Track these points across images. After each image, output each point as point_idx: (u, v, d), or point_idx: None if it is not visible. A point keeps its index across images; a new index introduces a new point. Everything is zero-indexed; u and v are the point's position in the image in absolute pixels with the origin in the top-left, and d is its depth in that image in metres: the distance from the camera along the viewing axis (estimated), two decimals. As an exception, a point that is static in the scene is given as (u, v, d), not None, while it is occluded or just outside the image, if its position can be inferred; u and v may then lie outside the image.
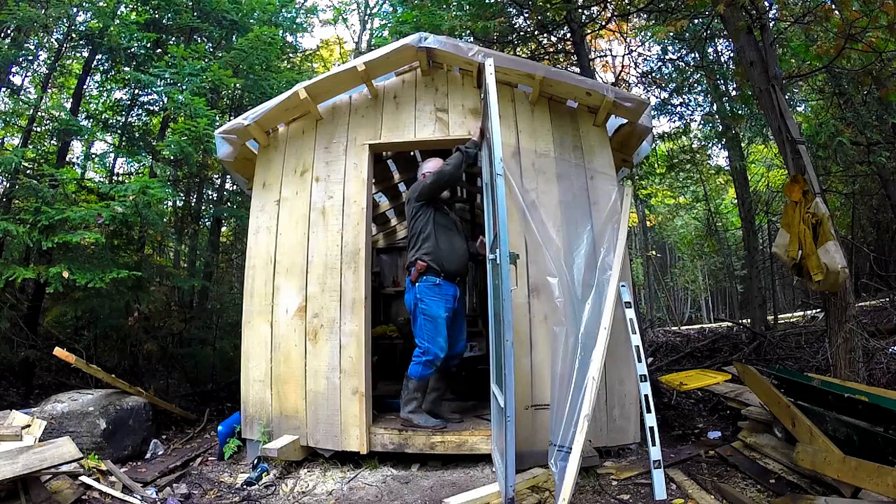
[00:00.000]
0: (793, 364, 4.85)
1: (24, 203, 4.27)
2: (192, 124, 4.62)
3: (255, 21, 6.64)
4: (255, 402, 3.45)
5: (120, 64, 5.89)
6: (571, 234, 3.27)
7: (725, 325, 8.89)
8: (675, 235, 17.80)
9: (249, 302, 3.58)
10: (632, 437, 3.17)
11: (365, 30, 13.04)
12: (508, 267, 2.37)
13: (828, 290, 3.33)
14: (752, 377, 3.09)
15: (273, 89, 5.88)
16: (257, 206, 3.73)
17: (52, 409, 3.28)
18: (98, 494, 2.75)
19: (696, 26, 6.59)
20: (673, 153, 9.46)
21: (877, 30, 3.71)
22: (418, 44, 3.44)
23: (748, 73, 3.98)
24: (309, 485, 3.02)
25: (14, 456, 2.40)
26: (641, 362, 2.86)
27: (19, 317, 4.71)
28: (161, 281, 5.89)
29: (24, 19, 4.64)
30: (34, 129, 5.52)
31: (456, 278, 3.43)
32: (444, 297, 3.33)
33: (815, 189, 3.35)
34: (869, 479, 1.98)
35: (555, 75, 3.39)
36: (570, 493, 2.34)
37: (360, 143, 3.65)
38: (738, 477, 2.75)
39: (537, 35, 7.39)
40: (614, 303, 2.98)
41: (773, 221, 9.31)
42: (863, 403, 2.43)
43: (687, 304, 19.93)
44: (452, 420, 3.42)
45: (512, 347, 2.31)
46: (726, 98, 8.14)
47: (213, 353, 6.17)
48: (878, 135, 5.92)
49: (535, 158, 3.47)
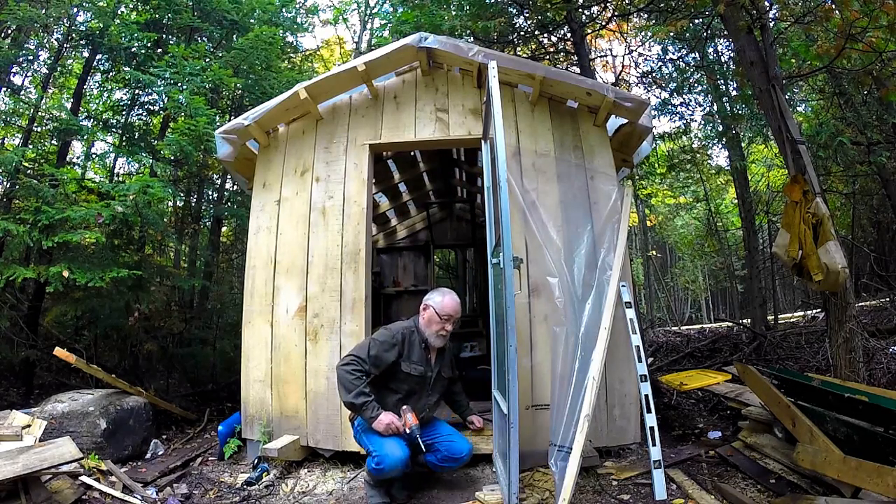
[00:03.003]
0: (793, 364, 4.85)
1: (24, 203, 4.27)
2: (192, 124, 4.62)
3: (255, 21, 6.64)
4: (255, 402, 3.45)
5: (120, 64, 5.88)
6: (571, 235, 3.27)
7: (726, 325, 8.89)
8: (676, 235, 17.80)
9: (250, 302, 3.58)
10: (632, 437, 3.17)
11: (365, 30, 13.03)
12: (512, 271, 2.32)
13: (828, 290, 3.33)
14: (752, 377, 3.09)
15: (273, 89, 5.88)
16: (257, 206, 3.73)
17: (53, 409, 3.28)
18: (98, 494, 2.75)
19: (696, 26, 6.59)
20: (673, 153, 9.47)
21: (877, 30, 3.71)
22: (418, 44, 3.44)
23: (748, 73, 3.98)
24: (309, 485, 3.02)
25: (14, 456, 2.40)
26: (642, 362, 2.86)
27: (20, 317, 4.71)
28: (161, 281, 5.89)
29: (24, 19, 4.64)
30: (34, 128, 5.52)
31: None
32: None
33: (816, 189, 3.35)
34: (869, 479, 1.98)
35: (555, 75, 3.39)
36: (571, 493, 2.34)
37: (360, 143, 3.65)
38: (739, 477, 2.75)
39: (537, 35, 7.39)
40: (614, 303, 2.98)
41: (773, 221, 9.31)
42: (863, 403, 2.43)
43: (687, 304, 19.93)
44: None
45: (515, 353, 2.28)
46: (726, 98, 8.15)
47: (214, 353, 6.17)
48: (878, 135, 5.92)
49: (535, 158, 3.47)
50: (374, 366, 2.59)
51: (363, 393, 2.51)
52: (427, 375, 2.75)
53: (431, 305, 2.78)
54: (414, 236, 7.27)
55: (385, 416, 2.52)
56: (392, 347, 2.65)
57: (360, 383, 2.51)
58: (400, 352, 2.67)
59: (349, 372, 2.52)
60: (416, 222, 7.41)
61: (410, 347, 2.71)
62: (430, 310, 2.78)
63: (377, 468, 2.50)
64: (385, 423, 2.51)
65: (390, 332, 2.72)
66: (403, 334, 2.72)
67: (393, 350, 2.64)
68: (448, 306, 2.76)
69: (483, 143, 3.32)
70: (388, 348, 2.64)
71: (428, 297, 2.85)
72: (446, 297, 2.79)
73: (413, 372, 2.70)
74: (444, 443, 2.74)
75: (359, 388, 2.50)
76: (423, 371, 2.73)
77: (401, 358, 2.67)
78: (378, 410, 2.53)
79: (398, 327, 2.77)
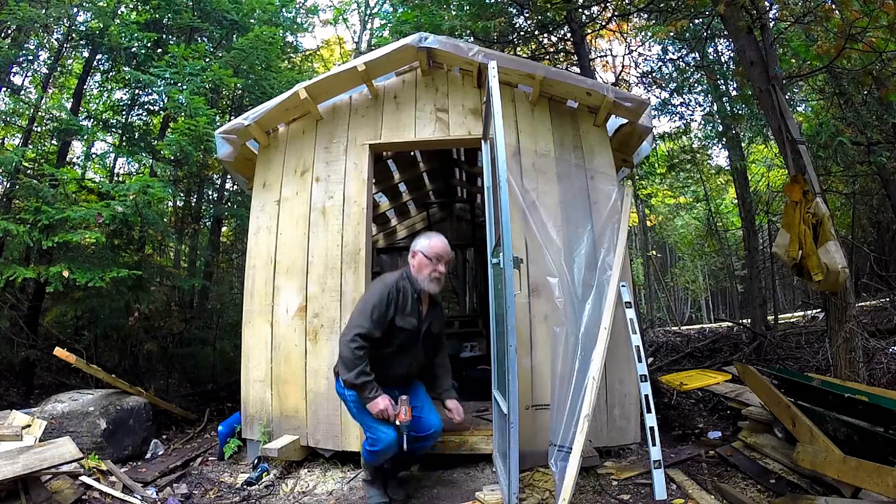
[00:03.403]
0: (793, 364, 4.85)
1: (24, 203, 4.27)
2: (192, 124, 4.62)
3: (255, 21, 6.64)
4: (255, 401, 3.45)
5: (120, 64, 5.89)
6: (571, 235, 3.27)
7: (725, 325, 8.89)
8: (676, 235, 17.81)
9: (250, 302, 3.58)
10: (632, 437, 3.17)
11: (365, 30, 13.03)
12: (512, 271, 2.31)
13: (828, 290, 3.33)
14: (752, 377, 3.09)
15: (273, 89, 5.88)
16: (257, 206, 3.73)
17: (53, 409, 3.28)
18: (98, 494, 2.75)
19: (696, 26, 6.60)
20: (673, 153, 9.48)
21: (877, 30, 3.71)
22: (418, 44, 3.44)
23: (748, 73, 3.98)
24: (309, 485, 3.02)
25: (14, 456, 2.40)
26: (642, 362, 2.86)
27: (19, 317, 4.72)
28: (161, 281, 5.89)
29: (24, 19, 4.64)
30: (34, 128, 5.53)
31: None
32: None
33: (816, 189, 3.35)
34: (869, 479, 1.98)
35: (555, 75, 3.39)
36: (571, 493, 2.34)
37: (360, 143, 3.65)
38: (739, 477, 2.75)
39: (537, 35, 7.40)
40: (614, 303, 2.98)
41: (773, 221, 9.31)
42: (863, 403, 2.43)
43: (687, 304, 19.94)
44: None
45: (515, 353, 2.27)
46: (726, 98, 8.16)
47: (213, 353, 6.17)
48: (878, 135, 5.92)
49: (535, 158, 3.47)
50: (378, 328, 2.50)
51: (364, 373, 2.43)
52: (419, 329, 2.65)
53: (419, 251, 2.66)
54: (414, 236, 7.27)
55: (381, 401, 2.44)
56: (391, 304, 2.54)
57: (361, 362, 2.43)
58: (396, 305, 2.55)
59: (353, 350, 2.43)
60: (416, 222, 7.41)
61: (405, 300, 2.60)
62: (418, 255, 2.66)
63: (372, 449, 2.45)
64: (379, 409, 2.44)
65: (385, 286, 2.60)
66: (398, 287, 2.60)
67: (392, 306, 2.54)
68: (437, 246, 2.64)
69: (483, 143, 3.32)
70: (388, 304, 2.54)
71: (415, 244, 2.72)
72: (433, 239, 2.68)
73: (406, 326, 2.59)
74: (413, 418, 2.55)
75: (360, 367, 2.42)
76: (416, 324, 2.62)
77: (396, 312, 2.55)
78: (377, 392, 2.45)
79: (392, 279, 2.64)
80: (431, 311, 2.75)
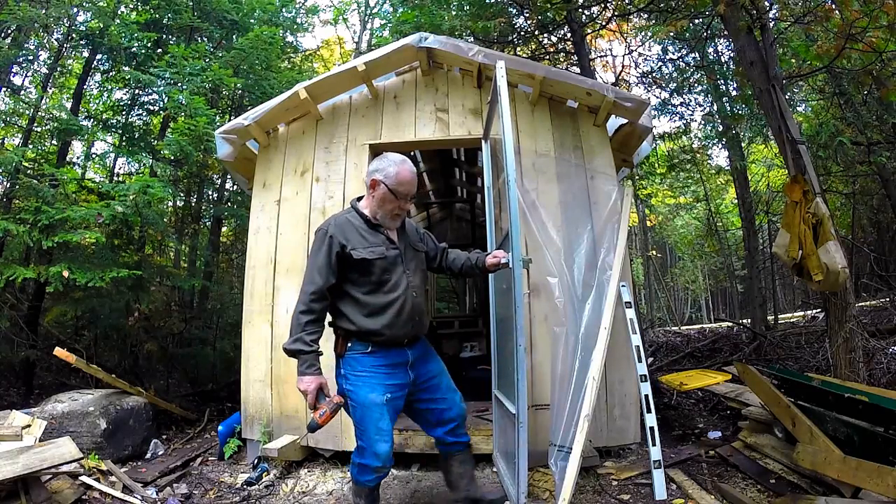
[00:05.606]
0: (793, 364, 4.84)
1: (24, 203, 4.27)
2: (192, 124, 4.62)
3: (255, 21, 6.65)
4: (255, 401, 3.44)
5: (120, 64, 5.89)
6: (571, 235, 3.27)
7: (725, 325, 8.89)
8: (676, 235, 17.82)
9: (250, 302, 3.58)
10: (632, 437, 3.17)
11: (365, 30, 13.03)
12: (521, 271, 2.27)
13: (828, 290, 3.33)
14: (752, 377, 3.09)
15: (273, 89, 5.89)
16: (257, 206, 3.73)
17: (53, 409, 3.28)
18: (98, 494, 2.75)
19: (696, 26, 6.60)
20: (673, 153, 9.48)
21: (877, 30, 3.71)
22: (418, 44, 3.44)
23: (748, 73, 3.97)
24: (309, 485, 3.02)
25: (14, 456, 2.40)
26: (641, 362, 2.86)
27: (19, 317, 4.72)
28: (161, 281, 5.90)
29: (24, 19, 4.64)
30: (34, 128, 5.53)
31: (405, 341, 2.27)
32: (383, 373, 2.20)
33: (816, 189, 3.35)
34: (869, 479, 1.98)
35: (555, 75, 3.39)
36: (571, 493, 2.34)
37: (360, 143, 3.65)
38: (739, 477, 2.75)
39: (537, 35, 7.40)
40: (614, 303, 2.98)
41: (773, 221, 9.31)
42: (863, 403, 2.43)
43: (687, 304, 19.94)
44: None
45: (525, 353, 2.21)
46: (726, 98, 8.16)
47: (213, 353, 6.17)
48: (878, 135, 5.92)
49: (535, 158, 3.47)
50: (326, 274, 2.11)
51: (301, 340, 2.06)
52: (395, 254, 2.21)
53: (382, 181, 2.15)
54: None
55: (311, 381, 2.04)
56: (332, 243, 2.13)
57: (301, 330, 2.08)
58: (342, 242, 2.12)
59: (298, 315, 2.11)
60: (416, 222, 7.41)
61: (351, 231, 2.17)
62: (381, 187, 2.16)
63: (359, 461, 2.14)
64: (303, 388, 2.04)
65: (320, 232, 2.20)
66: (336, 223, 2.18)
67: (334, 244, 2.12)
68: (406, 178, 2.16)
69: (483, 142, 3.32)
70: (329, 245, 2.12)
71: (375, 170, 2.19)
72: (401, 168, 2.17)
73: (371, 256, 2.14)
74: (438, 402, 2.26)
75: (299, 333, 2.07)
76: (385, 252, 2.17)
77: (348, 246, 2.12)
78: (311, 368, 2.06)
79: (326, 222, 2.24)
80: (403, 233, 2.32)
